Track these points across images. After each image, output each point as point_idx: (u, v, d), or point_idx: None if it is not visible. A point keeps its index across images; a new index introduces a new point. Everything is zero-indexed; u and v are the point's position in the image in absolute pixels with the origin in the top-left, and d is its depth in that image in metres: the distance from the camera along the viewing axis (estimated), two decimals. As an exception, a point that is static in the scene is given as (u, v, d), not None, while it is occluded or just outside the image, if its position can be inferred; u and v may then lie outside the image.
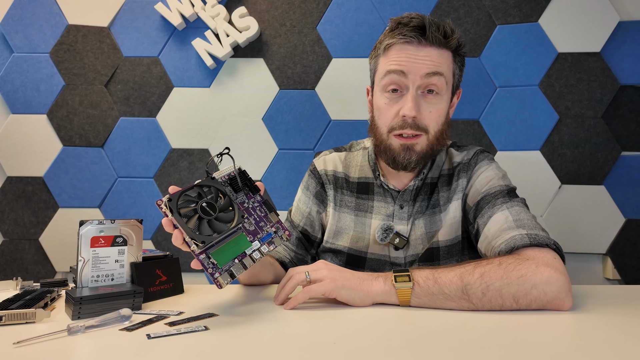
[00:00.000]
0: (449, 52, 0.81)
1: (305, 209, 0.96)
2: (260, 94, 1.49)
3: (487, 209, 0.77)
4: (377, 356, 0.45)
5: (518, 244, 0.67)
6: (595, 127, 1.38)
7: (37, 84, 1.48)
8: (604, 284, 1.39)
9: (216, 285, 0.60)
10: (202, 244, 0.60)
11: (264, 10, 1.49)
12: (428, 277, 0.63)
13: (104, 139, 1.48)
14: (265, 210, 0.69)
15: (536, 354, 0.45)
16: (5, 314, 0.58)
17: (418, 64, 0.78)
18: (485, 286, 0.61)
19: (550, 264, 0.63)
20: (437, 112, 0.81)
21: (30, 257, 1.47)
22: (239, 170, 0.69)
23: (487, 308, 0.61)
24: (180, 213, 0.61)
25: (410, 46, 0.78)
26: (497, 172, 0.84)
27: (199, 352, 0.47)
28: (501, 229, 0.72)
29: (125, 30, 1.49)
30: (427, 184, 0.88)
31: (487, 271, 0.62)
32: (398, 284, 0.63)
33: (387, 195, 0.89)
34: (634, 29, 1.38)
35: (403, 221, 0.87)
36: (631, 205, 1.36)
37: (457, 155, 0.89)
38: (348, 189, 0.93)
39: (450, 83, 0.83)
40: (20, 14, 1.48)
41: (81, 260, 0.68)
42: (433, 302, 0.63)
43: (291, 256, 0.94)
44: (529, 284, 0.60)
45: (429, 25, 0.77)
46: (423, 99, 0.80)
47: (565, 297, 0.60)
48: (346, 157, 0.97)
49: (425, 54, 0.78)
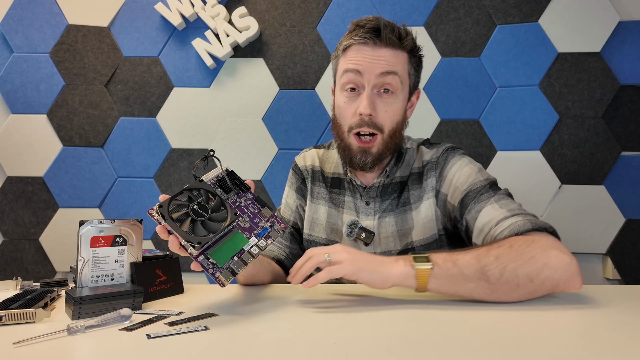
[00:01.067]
0: (404, 53, 0.84)
1: (292, 203, 1.00)
2: (260, 94, 1.49)
3: (474, 205, 0.78)
4: (377, 356, 0.45)
5: (521, 229, 0.68)
6: (595, 127, 1.38)
7: (37, 84, 1.48)
8: (604, 284, 1.39)
9: (218, 284, 0.60)
10: (198, 244, 0.60)
11: (264, 10, 1.49)
12: (446, 259, 0.64)
13: (104, 139, 1.48)
14: (258, 207, 0.69)
15: (536, 353, 0.45)
16: (5, 314, 0.58)
17: (373, 64, 0.81)
18: (502, 267, 0.62)
19: (556, 246, 0.65)
20: (392, 112, 0.83)
21: (30, 257, 1.47)
22: (227, 171, 0.69)
23: (504, 289, 0.63)
24: (172, 218, 0.61)
25: (366, 47, 0.82)
26: (473, 167, 0.84)
27: (199, 352, 0.47)
28: (497, 219, 0.73)
29: (125, 30, 1.49)
30: (396, 183, 0.90)
31: (501, 253, 0.63)
32: (417, 263, 0.64)
33: (355, 191, 0.92)
34: (634, 29, 1.38)
35: (369, 217, 0.89)
36: (631, 205, 1.36)
37: (427, 153, 0.91)
38: (323, 182, 0.97)
39: (407, 83, 0.85)
40: (20, 14, 1.48)
41: (81, 260, 0.68)
42: (452, 283, 0.64)
43: (286, 253, 0.95)
44: (540, 262, 0.62)
45: (383, 27, 0.81)
46: (379, 97, 0.83)
47: (575, 274, 0.63)
48: (324, 153, 1.01)
49: (380, 54, 0.81)
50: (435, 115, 1.45)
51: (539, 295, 0.64)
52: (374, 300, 0.69)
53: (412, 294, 0.71)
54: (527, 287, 0.62)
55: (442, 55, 1.45)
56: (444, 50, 1.45)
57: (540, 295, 0.64)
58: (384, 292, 0.73)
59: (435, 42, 1.45)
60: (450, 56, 1.45)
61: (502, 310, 0.61)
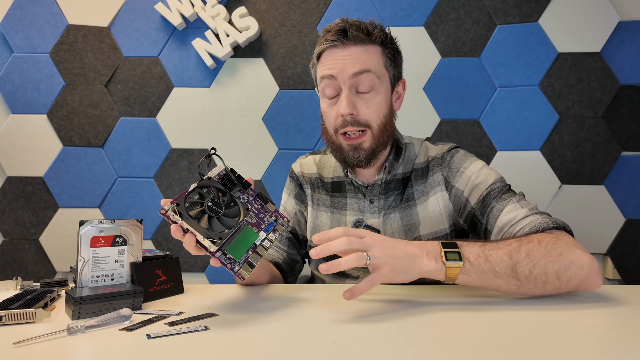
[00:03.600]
0: (376, 47, 0.84)
1: (291, 210, 1.00)
2: (260, 94, 1.49)
3: (496, 203, 0.79)
4: (377, 356, 0.45)
5: (543, 227, 0.70)
6: (595, 127, 1.38)
7: (37, 84, 1.48)
8: (604, 283, 1.39)
9: (238, 278, 0.61)
10: (219, 240, 0.60)
11: (264, 10, 1.49)
12: (479, 255, 0.64)
13: (104, 139, 1.48)
14: (260, 202, 0.70)
15: (536, 353, 0.45)
16: (5, 314, 0.58)
17: (346, 65, 0.81)
18: (532, 264, 0.63)
19: (578, 245, 0.67)
20: (375, 106, 0.83)
21: (30, 257, 1.47)
22: (230, 170, 0.70)
23: (531, 286, 0.63)
24: (190, 215, 0.61)
25: (336, 49, 0.83)
26: (492, 170, 0.86)
27: (199, 352, 0.47)
28: (519, 217, 0.75)
29: (125, 30, 1.49)
30: (398, 179, 0.90)
31: (531, 250, 0.64)
32: (449, 262, 0.63)
33: (357, 191, 0.92)
34: (634, 29, 1.38)
35: (374, 215, 0.89)
36: (631, 205, 1.36)
37: (432, 149, 0.92)
38: (323, 188, 0.97)
39: (385, 76, 0.85)
40: (20, 14, 1.48)
41: (81, 260, 0.68)
42: (482, 279, 0.64)
43: (284, 257, 0.95)
44: (567, 260, 0.64)
45: (349, 27, 0.82)
46: (358, 96, 0.83)
47: (598, 272, 0.65)
48: (320, 159, 1.01)
49: (350, 53, 0.82)
50: (435, 115, 1.45)
51: (563, 292, 0.65)
52: (374, 300, 0.69)
53: (413, 294, 0.71)
54: (553, 284, 0.64)
55: (442, 55, 1.45)
56: (444, 50, 1.45)
57: (564, 292, 0.65)
58: (384, 293, 0.73)
59: (435, 42, 1.45)
60: (450, 56, 1.45)
61: (501, 310, 0.61)
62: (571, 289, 0.65)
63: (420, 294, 0.71)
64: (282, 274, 0.93)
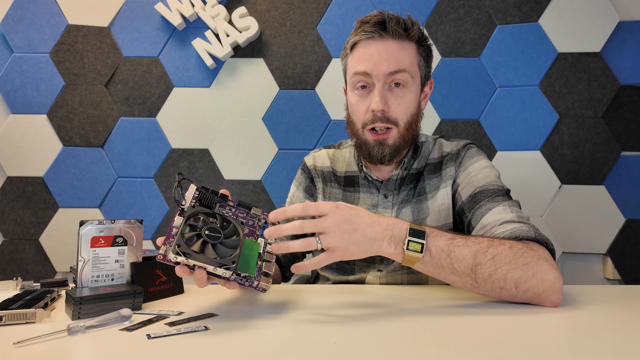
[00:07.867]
0: (412, 44, 0.83)
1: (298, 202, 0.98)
2: (260, 94, 1.49)
3: (486, 202, 0.79)
4: (377, 356, 0.45)
5: (523, 235, 0.68)
6: (595, 127, 1.38)
7: (37, 84, 1.48)
8: (604, 284, 1.39)
9: (260, 291, 0.62)
10: (233, 264, 0.58)
11: (264, 10, 1.49)
12: (442, 249, 0.63)
13: (104, 139, 1.48)
14: (245, 210, 0.69)
15: (536, 353, 0.45)
16: (5, 314, 0.58)
17: (381, 62, 0.80)
18: (494, 269, 0.62)
19: (549, 260, 0.65)
20: (405, 104, 0.83)
21: (30, 257, 1.47)
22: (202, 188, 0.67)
23: (487, 288, 0.62)
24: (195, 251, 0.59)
25: (372, 41, 0.81)
26: (495, 171, 0.86)
27: (199, 352, 0.47)
28: (504, 220, 0.73)
29: (125, 30, 1.49)
30: (412, 174, 0.91)
31: (499, 253, 0.63)
32: (408, 251, 0.62)
33: (371, 186, 0.92)
34: (634, 29, 1.38)
35: (387, 210, 0.89)
36: (631, 205, 1.36)
37: (447, 145, 0.92)
38: (336, 182, 0.96)
39: (417, 75, 0.85)
40: (20, 14, 1.48)
41: (81, 260, 0.68)
42: (438, 272, 0.63)
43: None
44: (531, 271, 0.62)
45: (388, 20, 0.81)
46: (390, 92, 0.83)
47: (558, 291, 0.62)
48: (334, 153, 1.01)
49: (386, 48, 0.81)
50: (435, 115, 1.45)
51: (518, 301, 0.64)
52: (374, 300, 0.69)
53: (413, 294, 0.71)
54: (510, 291, 0.62)
55: (442, 55, 1.45)
56: (444, 50, 1.45)
57: (519, 301, 0.64)
58: (385, 293, 0.73)
59: (435, 42, 1.45)
60: (450, 56, 1.45)
61: (501, 310, 0.61)
62: (526, 300, 0.63)
63: (421, 294, 0.71)
64: (280, 269, 0.93)
